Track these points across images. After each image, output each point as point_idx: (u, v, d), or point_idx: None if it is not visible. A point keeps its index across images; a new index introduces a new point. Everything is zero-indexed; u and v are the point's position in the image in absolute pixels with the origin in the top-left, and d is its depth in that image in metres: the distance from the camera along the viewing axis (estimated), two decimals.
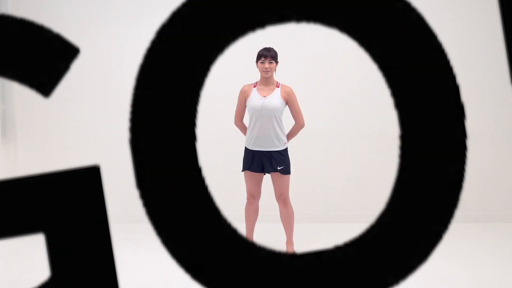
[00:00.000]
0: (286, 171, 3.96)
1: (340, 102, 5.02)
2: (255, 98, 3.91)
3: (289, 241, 4.05)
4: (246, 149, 4.03)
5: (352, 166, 5.06)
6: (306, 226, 4.80)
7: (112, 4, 4.96)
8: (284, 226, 4.06)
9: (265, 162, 3.94)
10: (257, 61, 3.92)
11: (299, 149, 4.81)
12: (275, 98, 3.89)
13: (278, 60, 3.95)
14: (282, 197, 3.99)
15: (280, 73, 4.12)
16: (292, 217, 4.04)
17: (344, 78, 5.00)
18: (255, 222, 4.16)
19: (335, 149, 5.04)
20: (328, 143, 5.04)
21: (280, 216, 4.06)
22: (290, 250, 4.01)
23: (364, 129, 5.02)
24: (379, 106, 5.00)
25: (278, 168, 3.92)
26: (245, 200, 4.12)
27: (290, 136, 4.04)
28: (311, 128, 4.88)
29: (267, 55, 3.86)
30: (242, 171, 4.06)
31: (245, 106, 4.03)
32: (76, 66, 4.95)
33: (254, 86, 3.98)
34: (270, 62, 3.86)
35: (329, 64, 4.99)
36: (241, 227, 4.35)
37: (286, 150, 3.99)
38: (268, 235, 4.53)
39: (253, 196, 4.06)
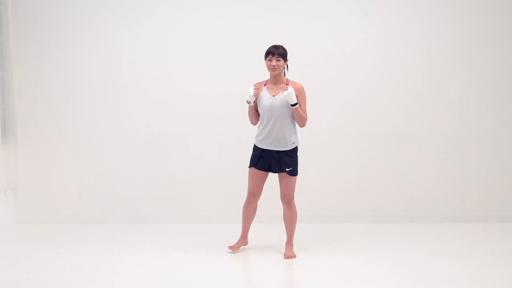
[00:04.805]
0: (294, 172, 3.95)
1: (342, 103, 5.01)
2: (265, 98, 3.89)
3: (289, 241, 4.04)
4: (254, 146, 4.03)
5: (353, 166, 5.05)
6: (307, 226, 4.80)
7: (111, 5, 4.96)
8: (285, 226, 4.06)
9: (273, 162, 3.93)
10: (265, 59, 3.91)
11: (300, 149, 4.80)
12: (283, 97, 3.85)
13: (288, 58, 3.92)
14: (287, 198, 3.98)
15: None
16: (295, 219, 4.03)
17: (347, 80, 4.98)
18: (252, 221, 4.15)
19: (336, 150, 5.04)
20: (329, 144, 5.03)
21: (283, 217, 4.05)
22: (289, 251, 4.01)
23: (365, 130, 5.01)
24: (380, 107, 4.99)
25: (287, 169, 3.91)
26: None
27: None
28: (312, 129, 4.88)
29: (275, 52, 3.83)
30: (249, 167, 4.05)
31: (257, 104, 3.97)
32: (76, 66, 4.95)
33: (265, 85, 3.96)
34: (278, 60, 3.84)
35: (332, 65, 4.97)
36: (240, 227, 4.35)
37: (294, 151, 3.96)
38: (268, 235, 4.53)
39: (254, 194, 4.05)
